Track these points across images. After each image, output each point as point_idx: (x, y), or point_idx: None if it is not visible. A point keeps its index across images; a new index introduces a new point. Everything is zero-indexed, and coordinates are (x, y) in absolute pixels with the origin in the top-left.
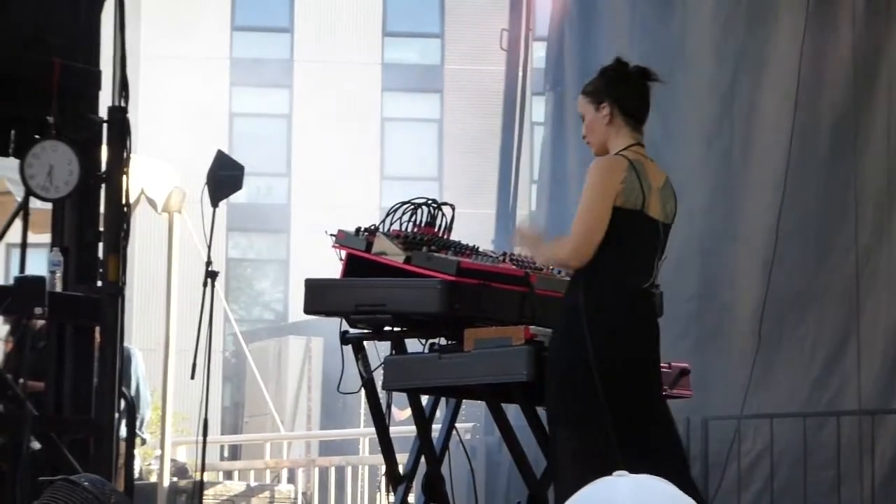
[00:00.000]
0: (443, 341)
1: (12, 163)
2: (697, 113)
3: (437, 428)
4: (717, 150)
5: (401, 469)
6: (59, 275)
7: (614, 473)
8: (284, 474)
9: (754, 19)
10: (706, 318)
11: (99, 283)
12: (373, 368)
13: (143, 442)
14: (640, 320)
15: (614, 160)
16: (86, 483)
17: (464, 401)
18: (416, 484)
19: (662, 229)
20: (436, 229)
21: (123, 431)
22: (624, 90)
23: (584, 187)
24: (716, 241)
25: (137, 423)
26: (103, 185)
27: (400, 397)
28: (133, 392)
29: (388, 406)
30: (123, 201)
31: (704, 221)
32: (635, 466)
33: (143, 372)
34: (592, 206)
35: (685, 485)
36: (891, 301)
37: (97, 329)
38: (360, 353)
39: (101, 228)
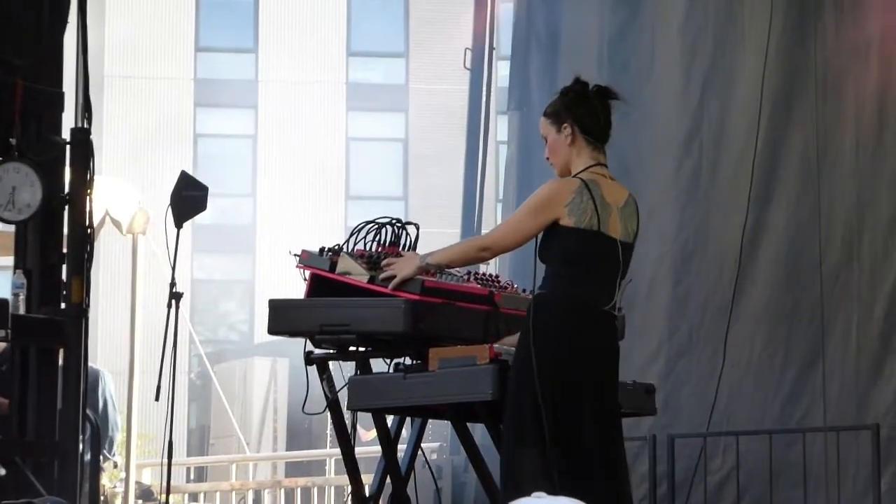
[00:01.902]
0: (408, 361)
1: None
2: (666, 133)
3: (402, 448)
4: (686, 171)
5: (367, 489)
6: (22, 297)
7: (533, 495)
8: (251, 496)
9: (721, 39)
10: (677, 335)
11: (63, 305)
12: (338, 389)
13: (116, 465)
14: (593, 342)
15: (564, 182)
16: None
17: (429, 420)
18: None
19: (623, 248)
20: (400, 248)
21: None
22: (584, 110)
23: (529, 196)
24: (686, 260)
25: (107, 446)
26: (67, 207)
27: (365, 417)
28: (101, 413)
29: (354, 426)
30: (87, 223)
31: (675, 241)
32: (569, 491)
33: (112, 394)
34: (521, 218)
35: None
36: (860, 319)
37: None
38: (324, 373)
39: (65, 250)
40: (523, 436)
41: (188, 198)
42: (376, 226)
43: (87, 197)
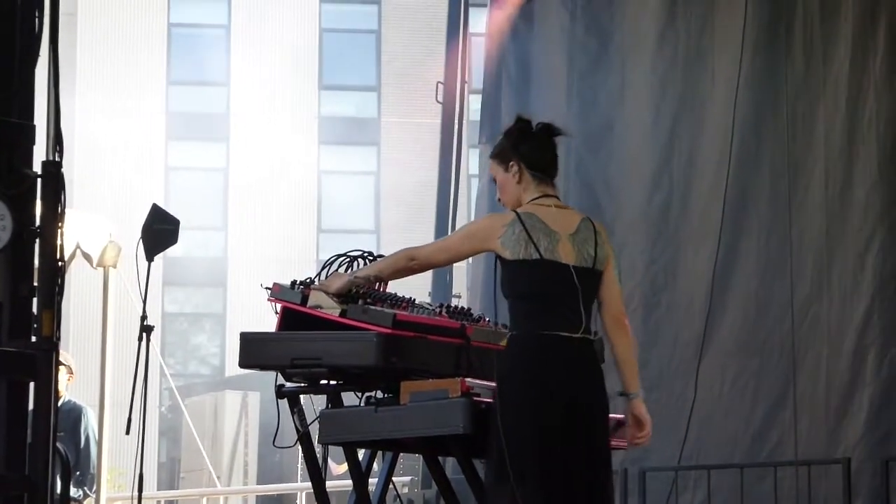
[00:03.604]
0: (379, 394)
1: None
2: (636, 167)
3: (374, 482)
4: (656, 203)
5: None
6: None
7: None
8: None
9: (691, 72)
10: (647, 369)
11: (33, 339)
12: (309, 422)
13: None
14: (559, 378)
15: (499, 216)
16: None
17: (401, 454)
18: None
19: (580, 273)
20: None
21: (73, 491)
22: (528, 146)
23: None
24: (657, 292)
25: (88, 483)
26: (37, 240)
27: (337, 451)
28: (82, 449)
29: (325, 460)
30: (58, 256)
31: (645, 274)
32: None
33: (94, 430)
34: (454, 240)
35: None
36: (829, 353)
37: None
38: (295, 406)
39: (36, 283)
40: (499, 475)
41: (159, 231)
42: (348, 259)
43: (58, 230)
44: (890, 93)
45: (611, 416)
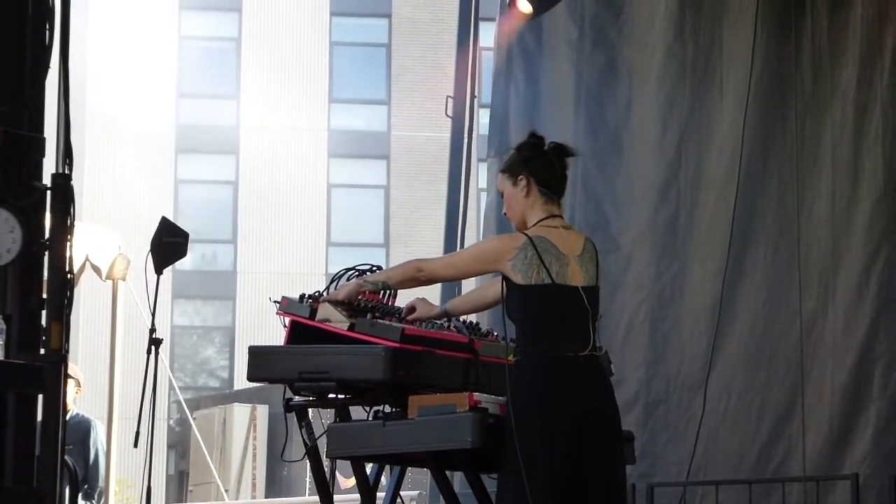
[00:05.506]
0: (387, 408)
1: None
2: (643, 181)
3: (381, 496)
4: (663, 217)
5: None
6: (1, 342)
7: None
8: None
9: (699, 87)
10: (654, 383)
11: (42, 351)
12: (317, 436)
13: None
14: (568, 391)
15: (510, 238)
16: None
17: (409, 468)
18: None
19: (588, 293)
20: (380, 296)
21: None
22: (539, 163)
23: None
24: (664, 307)
25: (97, 497)
26: (47, 252)
27: (345, 465)
28: (91, 463)
29: (333, 474)
30: (67, 268)
31: (652, 289)
32: None
33: (102, 444)
34: (464, 258)
35: None
36: (836, 367)
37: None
38: (303, 420)
39: (45, 296)
40: (516, 494)
41: (169, 244)
42: (357, 272)
43: (68, 242)
44: None
45: None
